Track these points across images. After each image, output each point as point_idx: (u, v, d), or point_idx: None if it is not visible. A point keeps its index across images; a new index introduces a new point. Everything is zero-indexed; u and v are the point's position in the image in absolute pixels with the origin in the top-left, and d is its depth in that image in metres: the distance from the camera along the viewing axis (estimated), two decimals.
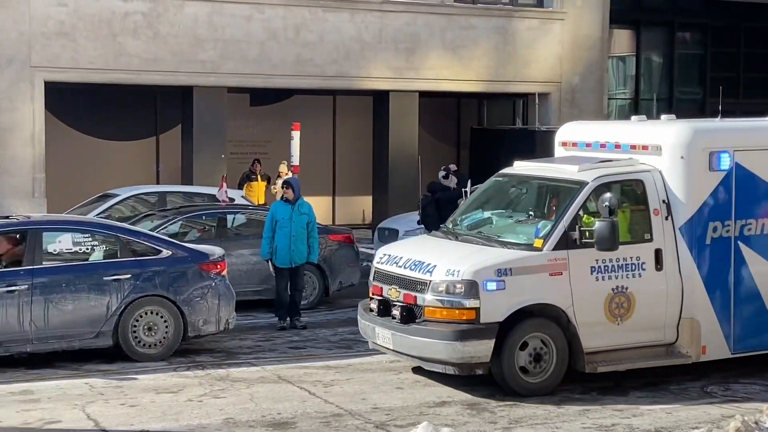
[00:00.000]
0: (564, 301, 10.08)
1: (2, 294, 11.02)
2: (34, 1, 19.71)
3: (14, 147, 19.67)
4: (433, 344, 9.97)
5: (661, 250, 10.45)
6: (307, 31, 21.98)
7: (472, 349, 9.84)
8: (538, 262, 10.03)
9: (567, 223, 10.16)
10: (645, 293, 10.36)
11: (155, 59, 20.68)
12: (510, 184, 11.51)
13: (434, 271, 10.10)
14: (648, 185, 10.54)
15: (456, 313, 9.89)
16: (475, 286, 9.83)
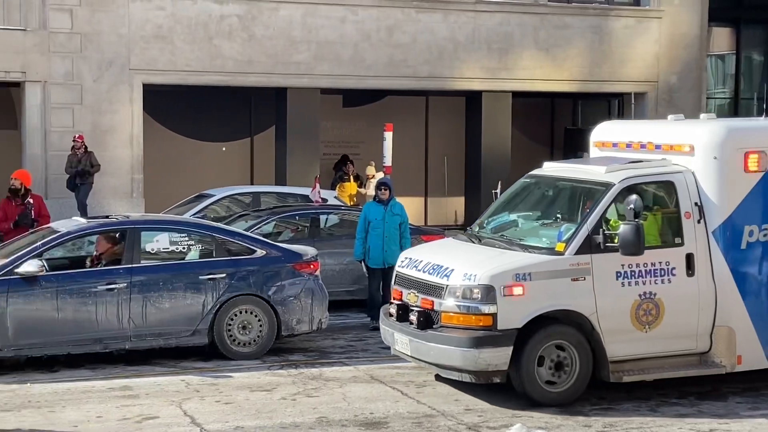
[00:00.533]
0: (587, 308, 9.66)
1: (102, 292, 11.27)
2: (134, 5, 20.14)
3: (114, 148, 20.11)
4: (448, 351, 9.61)
5: (692, 255, 9.97)
6: (400, 32, 22.02)
7: (488, 357, 9.47)
8: (560, 267, 9.62)
9: (591, 227, 9.74)
10: (675, 300, 9.90)
11: (250, 61, 20.94)
12: (538, 185, 11.14)
13: (451, 276, 9.77)
14: (679, 187, 10.07)
15: (472, 319, 9.52)
16: (492, 291, 9.46)
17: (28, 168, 18.61)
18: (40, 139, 19.69)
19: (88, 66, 19.92)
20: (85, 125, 19.79)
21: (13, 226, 14.19)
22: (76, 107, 19.89)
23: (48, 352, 11.27)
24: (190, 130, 23.04)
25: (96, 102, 20.00)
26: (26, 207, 14.62)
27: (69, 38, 19.75)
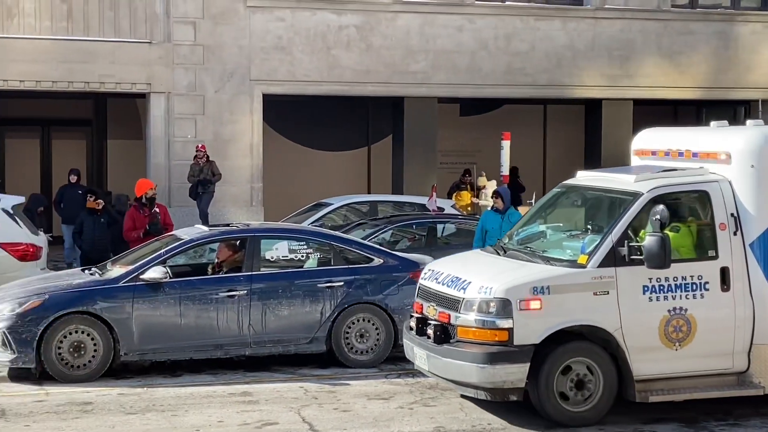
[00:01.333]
0: (611, 323, 9.16)
1: (223, 299, 11.45)
2: (254, 17, 20.48)
3: (234, 157, 20.47)
4: (463, 367, 9.18)
5: (727, 269, 9.42)
6: (519, 41, 21.85)
7: (503, 373, 9.04)
8: (581, 280, 9.16)
9: (616, 238, 9.25)
10: (708, 316, 9.36)
11: (368, 71, 21.07)
12: (568, 195, 10.70)
13: (468, 288, 9.34)
14: (714, 197, 9.53)
15: (488, 333, 9.09)
16: (508, 305, 9.03)
17: (152, 177, 19.11)
18: (163, 149, 20.17)
19: (210, 77, 20.33)
20: (207, 135, 20.20)
21: (143, 236, 14.55)
22: (198, 117, 20.32)
23: (171, 357, 11.50)
24: (308, 139, 23.30)
25: (217, 112, 20.40)
26: (154, 216, 14.98)
27: (192, 50, 20.20)
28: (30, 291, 11.28)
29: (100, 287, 11.26)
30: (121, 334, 11.11)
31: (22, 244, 13.55)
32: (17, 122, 21.96)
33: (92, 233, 15.62)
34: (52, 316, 10.95)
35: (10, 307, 11.03)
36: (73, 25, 19.54)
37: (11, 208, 13.86)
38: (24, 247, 13.55)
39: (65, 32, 19.48)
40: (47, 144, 22.25)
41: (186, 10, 20.12)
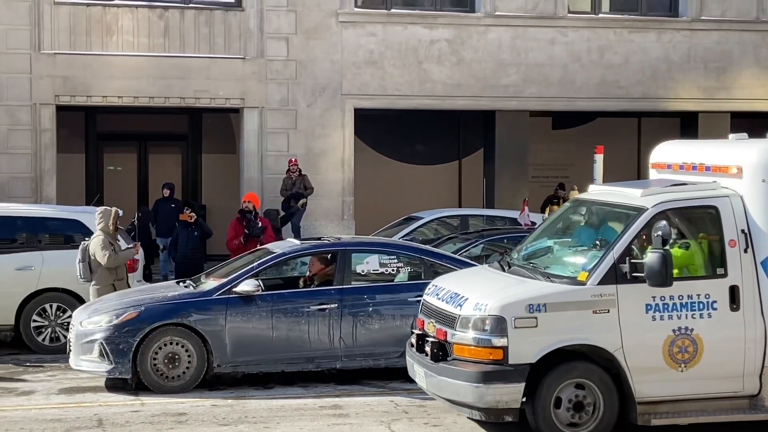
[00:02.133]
0: (611, 343, 8.86)
1: (314, 312, 11.51)
2: (346, 32, 20.62)
3: (326, 171, 20.61)
4: (458, 386, 8.95)
5: (737, 287, 9.04)
6: (612, 53, 21.59)
7: (498, 393, 8.78)
8: (580, 298, 8.86)
9: (617, 255, 8.92)
10: (716, 336, 9.00)
11: (459, 85, 21.03)
12: (577, 210, 10.36)
13: (464, 305, 9.10)
14: (723, 212, 9.14)
15: (483, 351, 8.83)
16: (502, 323, 8.76)
17: (244, 190, 19.36)
18: (256, 163, 20.41)
19: (303, 92, 20.52)
20: (299, 149, 20.38)
21: (244, 240, 14.79)
22: (290, 132, 20.52)
23: (263, 370, 11.60)
24: (399, 153, 23.34)
25: (309, 126, 20.58)
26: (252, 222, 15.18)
27: (285, 65, 20.42)
28: (126, 303, 11.50)
29: (194, 300, 11.42)
30: (214, 346, 11.25)
31: None
32: (115, 137, 22.47)
33: (186, 245, 15.89)
34: (148, 327, 11.15)
35: (108, 319, 11.26)
36: (170, 41, 19.93)
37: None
38: None
39: (162, 49, 19.89)
40: (144, 158, 22.72)
41: (279, 26, 20.37)
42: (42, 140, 19.48)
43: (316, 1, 20.47)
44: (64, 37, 19.50)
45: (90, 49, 19.56)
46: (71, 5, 19.57)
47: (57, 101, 19.51)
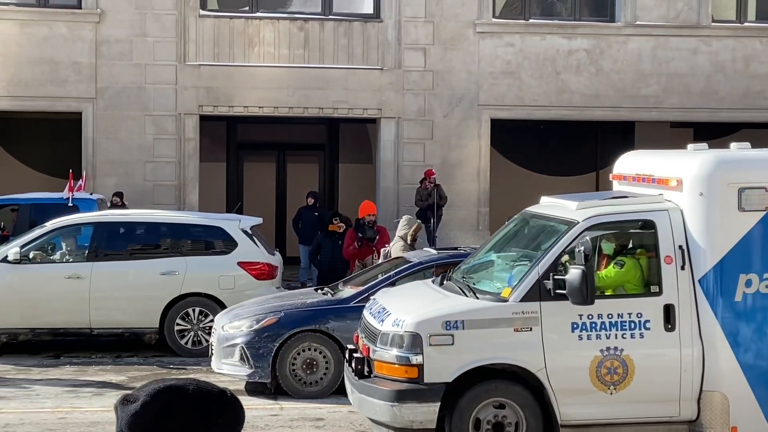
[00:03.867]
0: (533, 363, 8.38)
1: None
2: (483, 43, 20.60)
3: (461, 181, 20.62)
4: (374, 404, 8.59)
5: (672, 306, 8.49)
6: (758, 63, 20.97)
7: (411, 413, 8.36)
8: (500, 315, 8.40)
9: (542, 271, 8.41)
10: (648, 358, 8.48)
11: (597, 95, 20.76)
12: (522, 222, 9.91)
13: (385, 320, 8.71)
14: (660, 227, 8.58)
15: (399, 369, 8.45)
16: (417, 340, 8.35)
17: (381, 200, 19.54)
18: (392, 173, 20.57)
19: (439, 102, 20.60)
20: (435, 159, 20.45)
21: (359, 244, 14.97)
22: (426, 142, 20.62)
23: None
24: (535, 164, 23.17)
25: (445, 137, 20.63)
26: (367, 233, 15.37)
27: (422, 76, 20.54)
28: (266, 309, 11.74)
29: (333, 307, 11.58)
30: None
31: (259, 263, 14.14)
32: (255, 146, 22.99)
33: (330, 254, 16.14)
34: (287, 333, 11.35)
35: (248, 324, 11.51)
36: (310, 53, 20.29)
37: (249, 229, 14.50)
38: (261, 266, 14.12)
39: (302, 60, 20.26)
40: (282, 167, 23.17)
41: (417, 36, 20.50)
42: (186, 149, 20.08)
43: (454, 12, 20.53)
44: (208, 48, 20.06)
45: (233, 61, 20.08)
46: (215, 18, 20.13)
47: (200, 111, 20.08)
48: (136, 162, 19.85)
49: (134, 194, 19.16)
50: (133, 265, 13.99)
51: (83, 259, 13.94)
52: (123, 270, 13.89)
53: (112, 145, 19.79)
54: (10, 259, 13.55)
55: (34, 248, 13.83)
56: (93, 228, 14.21)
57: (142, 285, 13.79)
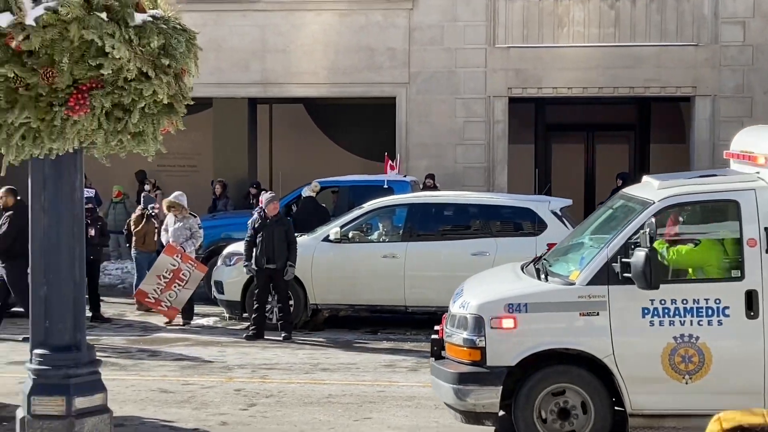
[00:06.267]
0: (600, 349, 8.01)
1: None
2: None
3: None
4: (441, 386, 8.49)
5: (755, 293, 7.89)
6: None
7: (473, 396, 8.22)
8: (565, 299, 8.08)
9: (611, 253, 8.02)
10: (727, 347, 7.92)
11: None
12: (614, 203, 9.35)
13: (456, 302, 8.66)
14: (744, 208, 7.96)
15: (464, 351, 8.32)
16: (480, 322, 8.20)
17: None
18: (708, 153, 19.76)
19: (760, 78, 19.52)
20: None
21: None
22: (745, 120, 19.60)
23: None
24: None
25: (766, 115, 19.52)
26: None
27: (740, 51, 19.56)
28: None
29: None
30: None
31: None
32: (563, 128, 22.83)
33: None
34: None
35: None
36: (620, 31, 19.85)
37: (559, 210, 14.43)
38: None
39: (612, 39, 19.86)
40: (591, 148, 22.87)
41: (735, 9, 19.53)
42: (494, 131, 20.26)
43: None
44: (517, 31, 20.11)
45: (541, 42, 20.02)
46: (525, 0, 20.14)
47: (509, 93, 20.19)
48: (446, 145, 20.28)
49: (445, 176, 19.59)
50: (445, 245, 14.29)
51: (398, 239, 14.41)
52: (435, 250, 14.22)
53: (424, 128, 20.33)
54: (332, 238, 14.27)
55: (353, 228, 14.48)
56: (407, 209, 14.65)
57: (454, 265, 14.04)
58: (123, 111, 5.00)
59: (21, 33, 4.80)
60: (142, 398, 10.30)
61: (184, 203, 14.77)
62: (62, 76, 4.83)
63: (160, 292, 14.33)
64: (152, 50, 4.91)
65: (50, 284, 5.35)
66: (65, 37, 4.79)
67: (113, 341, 13.38)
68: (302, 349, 12.94)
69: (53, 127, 4.91)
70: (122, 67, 4.87)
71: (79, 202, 5.41)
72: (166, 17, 5.10)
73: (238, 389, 10.71)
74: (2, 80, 4.86)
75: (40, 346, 5.44)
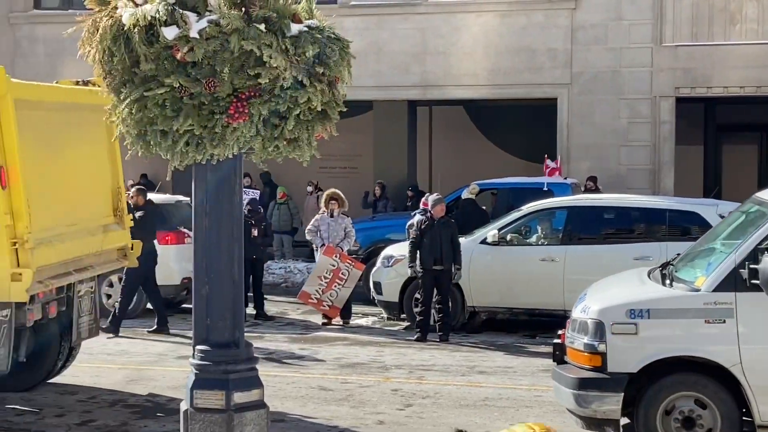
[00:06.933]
0: (727, 357, 7.74)
1: None
2: None
3: None
4: (562, 391, 8.42)
5: None
6: None
7: (593, 402, 8.10)
8: (688, 305, 7.91)
9: (740, 259, 7.76)
10: None
11: None
12: (750, 207, 8.83)
13: (578, 307, 8.56)
14: None
15: (584, 357, 8.21)
16: (600, 328, 8.07)
17: None
18: None
19: None
20: None
21: None
22: None
23: None
24: None
25: None
26: None
27: None
28: None
29: None
30: None
31: None
32: (735, 128, 22.08)
33: None
34: None
35: None
36: None
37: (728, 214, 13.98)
38: None
39: None
40: (765, 150, 22.05)
41: None
42: (660, 132, 19.79)
43: None
44: (685, 28, 19.59)
45: (711, 40, 19.43)
46: None
47: (676, 93, 19.68)
48: (609, 146, 19.94)
49: (607, 178, 19.26)
50: (606, 249, 14.03)
51: (557, 243, 14.27)
52: (596, 254, 13.99)
53: (586, 129, 20.05)
54: (489, 240, 14.24)
55: (511, 231, 14.41)
56: (567, 212, 14.48)
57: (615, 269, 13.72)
58: (279, 118, 5.18)
59: (186, 45, 5.03)
60: (302, 395, 10.54)
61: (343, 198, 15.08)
62: (223, 85, 5.05)
63: (322, 292, 14.64)
64: (307, 59, 5.07)
65: (211, 283, 5.57)
66: (226, 48, 5.01)
67: (276, 339, 13.74)
68: (459, 351, 12.98)
69: (214, 134, 5.13)
70: (279, 76, 5.04)
71: (238, 205, 5.62)
72: (321, 27, 5.24)
73: (395, 389, 10.83)
74: (168, 90, 5.10)
75: (201, 343, 5.67)
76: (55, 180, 9.50)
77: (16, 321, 8.92)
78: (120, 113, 5.21)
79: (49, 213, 9.23)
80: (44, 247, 8.96)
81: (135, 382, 11.07)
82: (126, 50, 5.05)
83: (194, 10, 5.08)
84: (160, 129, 5.13)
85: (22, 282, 8.53)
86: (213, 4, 5.13)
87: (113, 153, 10.72)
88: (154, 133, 5.14)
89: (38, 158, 9.17)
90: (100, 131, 10.18)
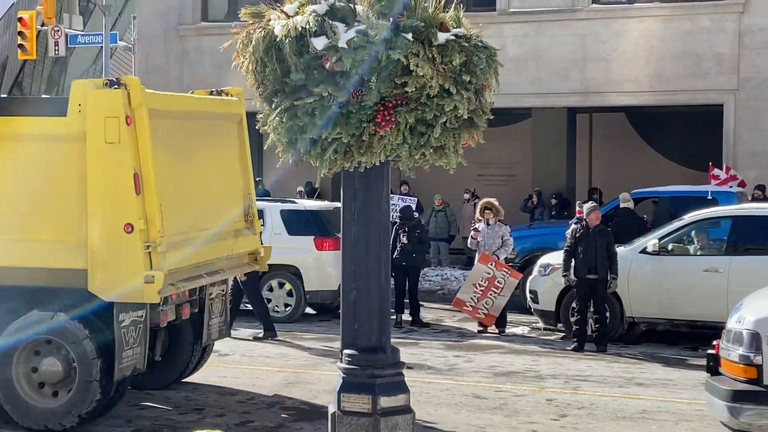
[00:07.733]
0: None
1: None
2: None
3: None
4: (715, 403, 8.16)
5: None
6: None
7: (749, 415, 7.82)
8: None
9: None
10: None
11: None
12: None
13: (733, 317, 8.26)
14: None
15: (739, 368, 7.95)
16: (756, 339, 7.81)
17: None
18: None
19: None
20: None
21: None
22: None
23: None
24: None
25: None
26: None
27: None
28: None
29: None
30: None
31: None
32: None
33: None
34: None
35: None
36: None
37: None
38: None
39: None
40: None
41: None
42: None
43: None
44: None
45: None
46: None
47: None
48: None
49: None
50: None
51: (721, 253, 13.82)
52: (763, 265, 13.46)
53: (754, 136, 19.36)
54: (649, 250, 13.90)
55: (672, 240, 14.05)
56: (731, 221, 14.01)
57: None
58: (426, 126, 5.23)
59: (334, 55, 5.14)
60: (456, 402, 10.55)
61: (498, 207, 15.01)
62: (370, 94, 5.13)
63: (477, 300, 14.62)
64: (454, 67, 5.11)
65: (358, 289, 5.66)
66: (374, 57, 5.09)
67: (431, 345, 13.80)
68: (617, 362, 12.73)
69: (362, 142, 5.22)
70: (425, 85, 5.10)
71: (385, 212, 5.70)
72: (468, 35, 5.26)
73: (549, 399, 10.71)
74: (318, 99, 5.22)
75: (348, 347, 5.77)
76: (187, 186, 9.73)
77: (151, 321, 9.23)
78: (272, 122, 5.36)
79: (181, 218, 9.46)
80: (176, 251, 9.19)
81: (292, 385, 11.31)
82: (277, 60, 5.20)
83: (343, 21, 5.18)
84: (310, 137, 5.25)
85: (154, 284, 8.74)
86: (362, 15, 5.21)
87: (245, 160, 10.95)
88: (303, 141, 5.27)
89: (171, 165, 9.41)
90: (232, 139, 10.43)
